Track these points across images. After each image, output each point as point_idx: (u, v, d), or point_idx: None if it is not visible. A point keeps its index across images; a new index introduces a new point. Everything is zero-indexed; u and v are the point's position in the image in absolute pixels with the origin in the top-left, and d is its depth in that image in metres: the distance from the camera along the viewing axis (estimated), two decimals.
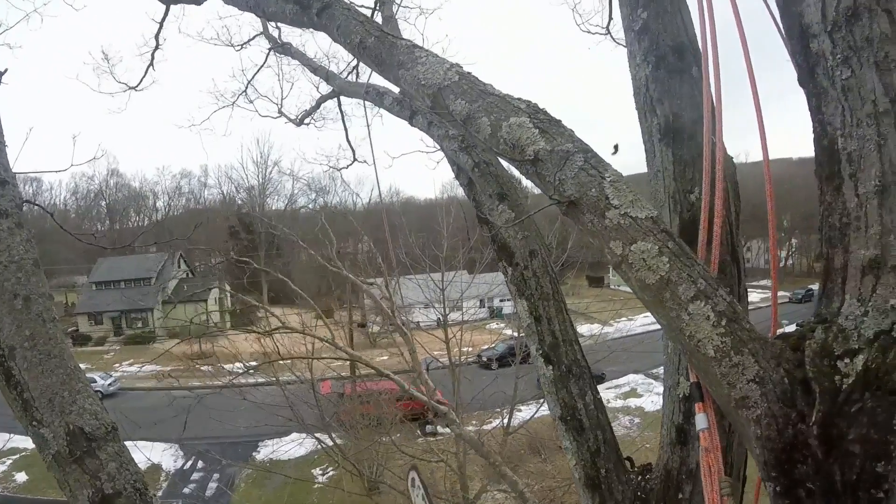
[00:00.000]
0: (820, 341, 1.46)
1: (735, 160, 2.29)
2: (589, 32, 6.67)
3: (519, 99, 1.93)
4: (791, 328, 1.61)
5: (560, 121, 1.89)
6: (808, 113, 1.61)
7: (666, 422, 2.35)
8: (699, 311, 1.51)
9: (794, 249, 62.96)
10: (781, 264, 62.79)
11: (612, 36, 6.30)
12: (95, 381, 31.87)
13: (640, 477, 2.46)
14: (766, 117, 1.92)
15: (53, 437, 2.05)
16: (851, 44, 1.40)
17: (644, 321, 43.00)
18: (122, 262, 50.32)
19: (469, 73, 2.05)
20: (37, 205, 3.82)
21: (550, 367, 2.40)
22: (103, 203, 75.84)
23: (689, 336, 1.53)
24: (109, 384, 32.61)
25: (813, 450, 1.35)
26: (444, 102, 2.00)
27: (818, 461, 1.35)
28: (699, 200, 2.09)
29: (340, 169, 8.51)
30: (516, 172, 2.22)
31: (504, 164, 2.46)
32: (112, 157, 76.30)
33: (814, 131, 1.59)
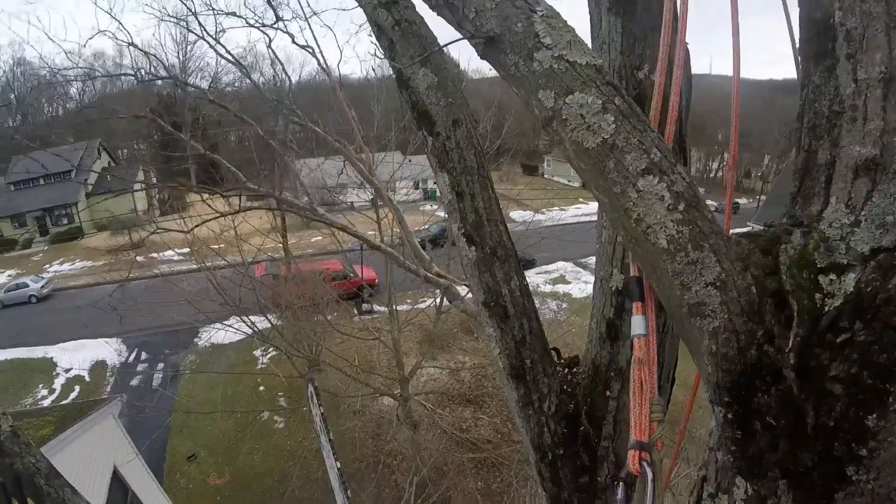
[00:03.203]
0: (799, 248, 1.19)
1: None
2: None
3: None
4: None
5: None
6: None
7: (596, 314, 2.19)
8: (651, 188, 1.24)
9: (725, 162, 64.59)
10: (711, 175, 64.98)
11: None
12: (27, 286, 31.02)
13: (566, 370, 2.35)
14: (713, 38, 1.60)
15: None
16: None
17: (576, 212, 44.76)
18: (38, 158, 46.97)
19: None
20: None
21: (473, 248, 2.14)
22: (12, 96, 68.24)
23: (636, 219, 1.26)
24: (42, 287, 31.37)
25: (788, 381, 1.13)
26: None
27: (788, 394, 1.12)
28: (647, 78, 1.81)
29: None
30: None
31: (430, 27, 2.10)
32: (17, 45, 69.44)
33: (801, 4, 1.28)
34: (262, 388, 20.05)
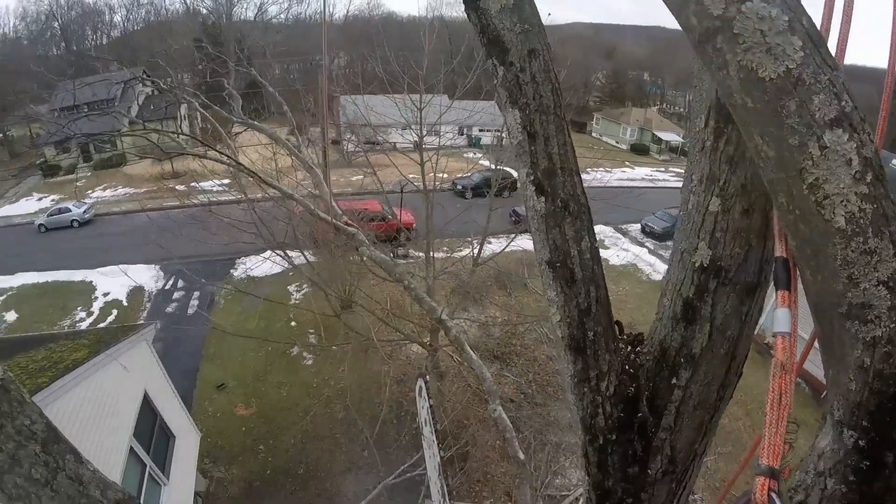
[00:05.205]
0: None
1: None
2: None
3: None
4: None
5: None
6: None
7: (671, 291, 1.87)
8: (840, 146, 0.91)
9: None
10: None
11: None
12: (70, 211, 31.86)
13: (629, 348, 2.08)
14: None
15: None
16: None
17: (621, 176, 43.53)
18: (83, 86, 47.44)
19: None
20: None
21: (543, 199, 1.80)
22: (56, 24, 69.23)
23: (810, 185, 0.95)
24: (84, 212, 32.25)
25: None
26: None
27: None
28: None
29: None
30: None
31: None
32: None
33: None
34: (293, 323, 20.35)
